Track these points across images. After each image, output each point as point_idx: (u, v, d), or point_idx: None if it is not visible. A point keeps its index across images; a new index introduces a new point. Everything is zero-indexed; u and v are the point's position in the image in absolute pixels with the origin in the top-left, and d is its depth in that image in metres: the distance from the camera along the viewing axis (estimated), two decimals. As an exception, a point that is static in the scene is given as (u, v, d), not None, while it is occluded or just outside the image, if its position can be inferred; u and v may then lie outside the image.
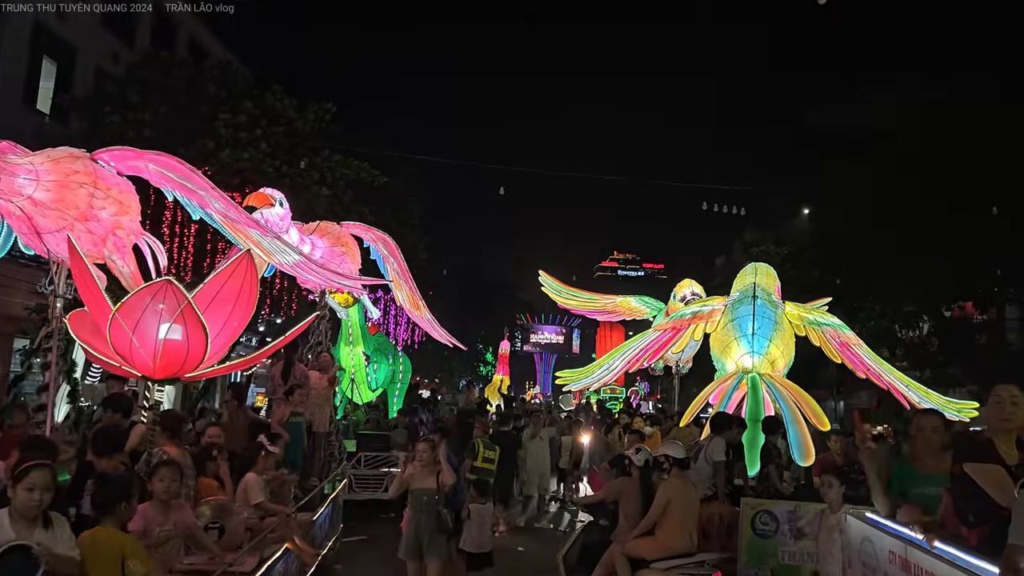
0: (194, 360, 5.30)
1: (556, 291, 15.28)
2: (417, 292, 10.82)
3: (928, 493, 4.65)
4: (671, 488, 6.59)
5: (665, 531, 6.43)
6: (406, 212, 26.40)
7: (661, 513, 6.43)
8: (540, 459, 12.63)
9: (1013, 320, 26.27)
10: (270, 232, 6.66)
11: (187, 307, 4.94)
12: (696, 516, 6.75)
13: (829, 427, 8.68)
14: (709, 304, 10.28)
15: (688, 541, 6.50)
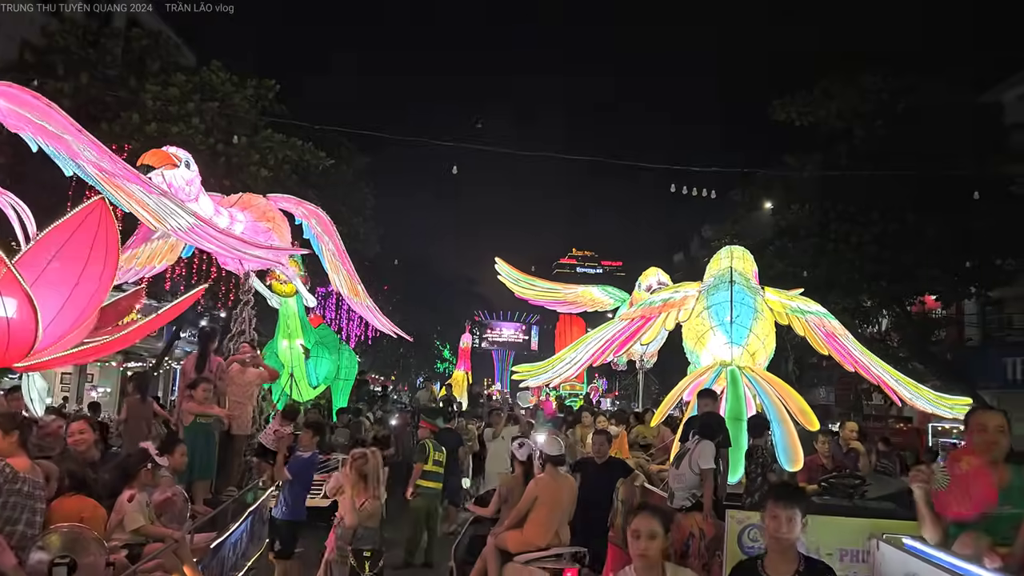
0: (20, 343, 3.96)
1: (514, 280, 14.09)
2: (356, 276, 9.52)
3: (993, 514, 3.53)
4: (540, 484, 6.44)
5: (531, 526, 6.32)
6: (358, 201, 24.97)
7: (529, 508, 6.31)
8: (501, 460, 11.37)
9: (972, 315, 25.76)
10: (156, 189, 5.33)
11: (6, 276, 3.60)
12: (566, 511, 6.58)
13: (818, 426, 7.58)
14: (681, 290, 9.14)
15: (553, 536, 6.40)
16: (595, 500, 7.52)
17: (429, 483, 9.18)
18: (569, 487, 6.73)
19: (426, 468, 9.11)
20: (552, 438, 6.96)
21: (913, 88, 20.16)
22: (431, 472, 9.19)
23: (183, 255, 8.95)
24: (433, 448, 9.24)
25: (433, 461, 9.17)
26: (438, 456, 9.26)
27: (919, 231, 18.80)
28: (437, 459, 9.26)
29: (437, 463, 9.26)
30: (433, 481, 9.24)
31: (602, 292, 14.38)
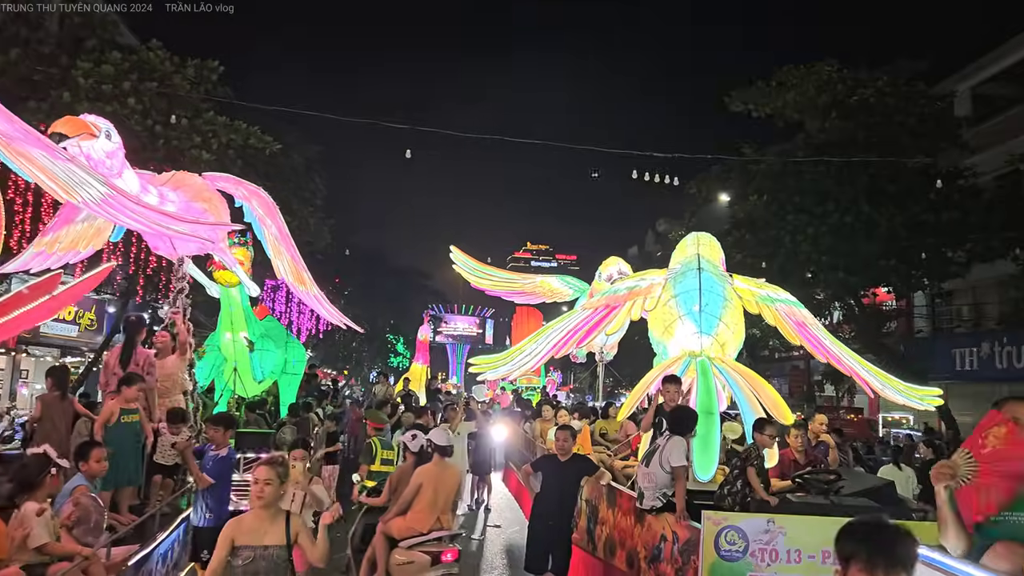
0: None
1: (470, 270, 13.50)
2: (301, 263, 8.82)
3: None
4: (425, 473, 6.59)
5: (414, 512, 6.45)
6: (309, 191, 24.07)
7: (414, 496, 6.46)
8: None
9: (921, 307, 25.95)
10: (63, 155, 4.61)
11: None
12: (449, 498, 6.72)
13: (792, 420, 7.16)
14: (647, 278, 8.65)
15: (435, 521, 6.52)
16: (559, 500, 7.01)
17: (375, 483, 8.57)
18: (453, 475, 6.90)
19: (373, 468, 8.50)
20: (440, 430, 7.22)
21: (867, 80, 20.10)
22: (379, 472, 8.58)
23: (112, 239, 8.16)
24: (381, 447, 8.64)
25: (381, 460, 8.57)
26: (387, 455, 8.65)
27: (873, 223, 18.74)
28: (386, 458, 8.66)
29: (386, 462, 8.65)
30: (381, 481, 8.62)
31: (561, 282, 13.88)
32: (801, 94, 20.95)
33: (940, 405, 8.48)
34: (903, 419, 25.72)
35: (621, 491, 6.96)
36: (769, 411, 7.03)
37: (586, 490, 7.63)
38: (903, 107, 19.37)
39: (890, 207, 18.77)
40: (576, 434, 7.48)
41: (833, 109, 20.53)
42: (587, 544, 7.69)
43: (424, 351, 27.46)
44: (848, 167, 19.18)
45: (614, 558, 6.94)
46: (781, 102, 21.47)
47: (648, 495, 6.18)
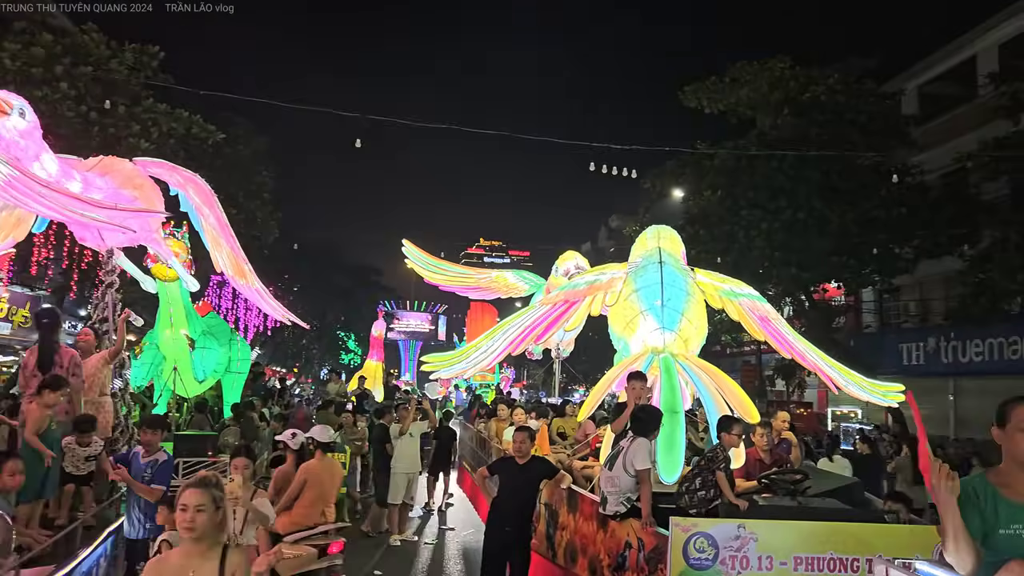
0: None
1: (423, 264, 13.04)
2: (242, 255, 8.27)
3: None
4: (308, 469, 6.60)
5: (298, 507, 6.47)
6: (256, 184, 23.30)
7: (299, 491, 6.48)
8: (409, 460, 10.33)
9: (869, 303, 26.23)
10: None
11: None
12: (332, 492, 6.78)
13: (759, 419, 6.89)
14: (607, 272, 8.32)
15: (320, 515, 6.59)
16: (518, 505, 6.63)
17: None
18: (335, 469, 6.97)
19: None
20: (323, 427, 7.28)
21: (819, 77, 20.17)
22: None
23: (35, 230, 7.53)
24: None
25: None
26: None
27: (825, 219, 18.82)
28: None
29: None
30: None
31: (517, 277, 13.51)
32: (754, 90, 20.97)
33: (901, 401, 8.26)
34: (851, 413, 25.96)
35: (583, 495, 6.60)
36: (735, 409, 6.75)
37: (545, 493, 7.26)
38: (853, 105, 19.50)
39: (842, 204, 18.87)
40: (535, 435, 7.11)
41: (785, 106, 20.59)
42: (546, 550, 7.33)
43: (379, 347, 26.70)
44: (801, 164, 19.22)
45: (575, 565, 6.58)
46: (735, 98, 21.48)
47: (612, 500, 5.83)
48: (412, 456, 10.48)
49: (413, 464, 10.48)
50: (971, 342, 21.12)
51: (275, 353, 41.43)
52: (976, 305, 18.15)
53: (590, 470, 8.59)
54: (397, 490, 10.34)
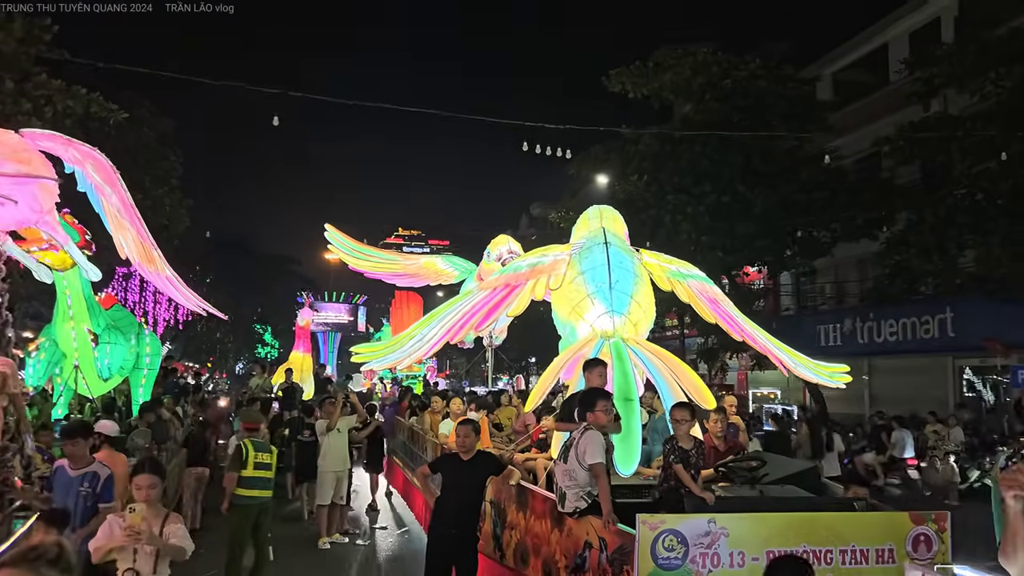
0: None
1: (347, 250, 12.30)
2: (149, 239, 7.43)
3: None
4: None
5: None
6: (163, 169, 21.94)
7: None
8: (337, 457, 9.65)
9: (787, 285, 26.70)
10: None
11: None
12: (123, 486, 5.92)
13: (715, 405, 6.54)
14: (549, 254, 7.84)
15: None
16: (463, 504, 6.11)
17: (252, 491, 7.41)
18: (123, 463, 6.58)
19: (245, 474, 7.33)
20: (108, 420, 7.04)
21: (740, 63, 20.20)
22: (255, 478, 7.41)
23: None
24: (254, 449, 7.46)
25: (255, 464, 7.40)
26: (262, 458, 7.49)
27: (749, 203, 18.88)
28: (261, 461, 7.50)
29: (262, 466, 7.49)
30: (258, 489, 7.46)
31: (446, 263, 12.93)
32: (677, 75, 20.84)
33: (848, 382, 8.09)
34: (771, 395, 26.44)
35: (533, 491, 6.11)
36: (690, 395, 6.39)
37: (490, 490, 6.75)
38: (774, 90, 19.59)
39: (764, 188, 18.97)
40: (479, 428, 6.59)
41: (707, 91, 20.55)
42: (493, 551, 6.82)
43: (306, 338, 25.11)
44: (724, 149, 19.24)
45: (527, 567, 6.11)
46: (658, 83, 21.30)
47: (571, 496, 5.36)
48: (340, 453, 9.81)
49: (342, 461, 9.81)
50: (885, 323, 21.68)
51: (188, 347, 39.64)
52: (893, 286, 18.53)
53: (532, 463, 8.15)
54: (325, 490, 9.66)
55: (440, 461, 6.48)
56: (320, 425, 9.82)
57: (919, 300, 20.27)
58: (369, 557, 9.33)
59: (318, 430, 9.84)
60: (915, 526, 5.12)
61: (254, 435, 7.75)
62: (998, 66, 16.13)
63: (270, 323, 42.37)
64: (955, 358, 20.67)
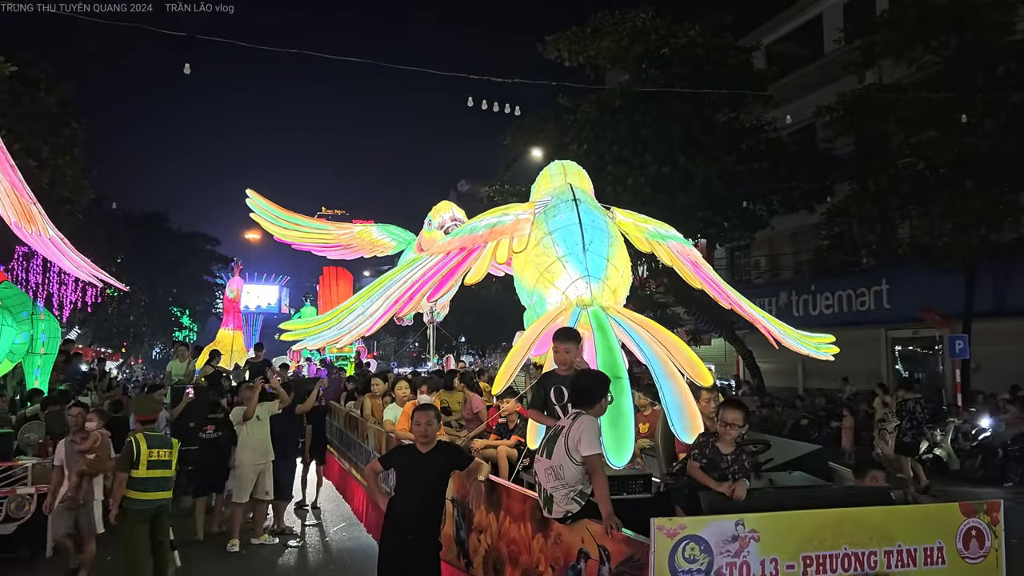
0: None
1: (272, 219, 10.95)
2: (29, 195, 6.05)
3: None
4: None
5: None
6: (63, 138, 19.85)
7: None
8: (257, 448, 8.38)
9: (721, 259, 26.35)
10: None
11: None
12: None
13: (711, 381, 5.61)
14: (511, 212, 6.76)
15: None
16: (422, 505, 5.05)
17: (144, 494, 6.18)
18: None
19: (137, 475, 6.10)
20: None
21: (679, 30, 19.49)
22: (149, 479, 6.19)
23: None
24: (147, 445, 6.22)
25: (149, 463, 6.17)
26: (157, 454, 6.25)
27: (690, 174, 18.25)
28: (157, 458, 6.27)
29: (158, 464, 6.27)
30: (152, 491, 6.24)
31: (383, 233, 11.70)
32: (615, 42, 20.00)
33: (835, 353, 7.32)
34: (707, 369, 26.08)
35: (510, 489, 5.06)
36: (684, 370, 5.45)
37: (453, 487, 5.67)
38: (713, 58, 18.95)
39: (704, 159, 18.37)
40: (440, 416, 5.50)
41: (646, 58, 19.76)
42: (457, 558, 5.75)
43: (235, 312, 22.29)
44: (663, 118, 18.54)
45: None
46: (595, 50, 20.42)
47: (558, 497, 4.33)
48: (261, 444, 8.50)
49: (262, 453, 8.51)
50: (821, 295, 21.46)
51: (99, 332, 37.03)
52: (833, 257, 18.21)
53: (492, 450, 7.12)
54: (242, 485, 8.36)
55: (394, 455, 5.37)
56: (236, 413, 8.50)
57: (856, 272, 20.08)
58: (302, 561, 8.14)
59: (233, 419, 8.51)
60: (966, 519, 4.30)
61: (149, 428, 6.48)
62: (939, 34, 15.80)
63: (188, 305, 39.95)
64: (888, 330, 20.59)
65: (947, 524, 4.26)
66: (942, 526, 4.26)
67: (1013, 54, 15.04)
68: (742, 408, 4.68)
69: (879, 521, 4.18)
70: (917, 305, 18.02)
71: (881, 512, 4.23)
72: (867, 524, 4.13)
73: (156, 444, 6.30)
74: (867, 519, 4.16)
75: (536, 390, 5.23)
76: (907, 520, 4.25)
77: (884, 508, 4.28)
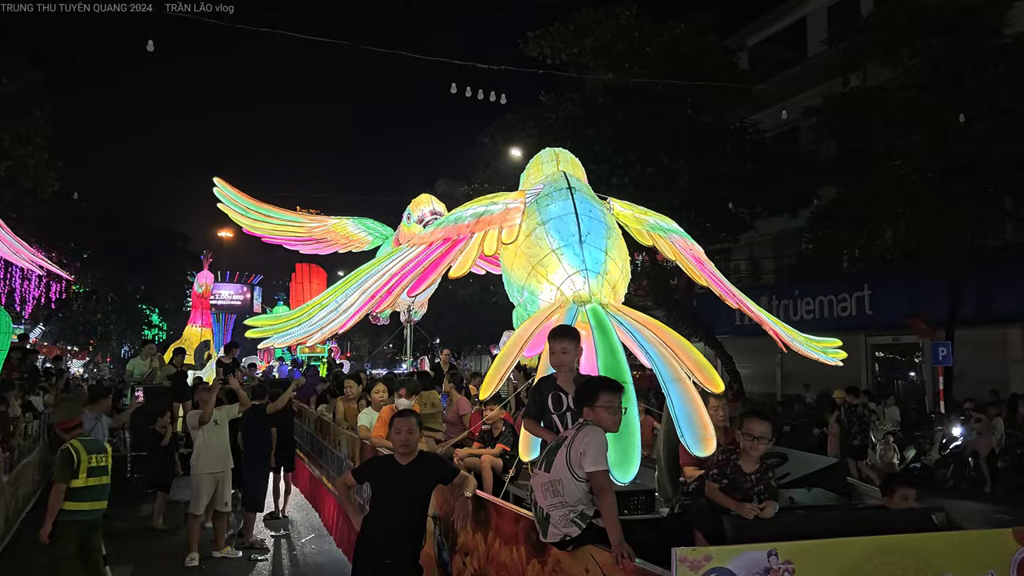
0: None
1: (241, 209, 10.26)
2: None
3: None
4: None
5: None
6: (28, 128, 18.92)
7: None
8: (215, 455, 7.66)
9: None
10: None
11: None
12: None
13: (722, 388, 5.03)
14: (500, 201, 6.16)
15: None
16: (402, 523, 4.46)
17: (84, 504, 5.53)
18: None
19: (77, 484, 5.43)
20: None
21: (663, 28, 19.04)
22: (89, 488, 5.54)
23: None
24: (85, 452, 5.55)
25: (89, 470, 5.52)
26: (96, 461, 5.60)
27: (674, 175, 17.82)
28: (96, 465, 5.62)
29: (96, 471, 5.62)
30: (90, 500, 5.58)
31: (358, 226, 11.03)
32: (598, 40, 19.47)
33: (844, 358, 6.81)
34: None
35: (499, 507, 4.45)
36: (692, 375, 4.89)
37: (434, 501, 5.05)
38: (698, 57, 18.53)
39: (688, 160, 17.93)
40: (422, 422, 4.87)
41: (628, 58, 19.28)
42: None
43: (204, 308, 21.12)
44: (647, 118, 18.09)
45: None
46: (578, 48, 19.88)
47: (556, 518, 3.72)
48: (219, 450, 7.77)
49: (221, 460, 7.79)
50: (802, 300, 21.10)
51: (64, 329, 35.81)
52: (819, 262, 17.85)
53: (475, 459, 6.51)
54: (199, 496, 7.63)
55: (369, 467, 4.74)
56: (191, 417, 7.77)
57: (838, 278, 19.75)
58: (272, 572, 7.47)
59: (189, 423, 7.80)
60: (1020, 546, 3.78)
61: (79, 433, 5.79)
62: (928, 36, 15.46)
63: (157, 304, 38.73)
64: (868, 336, 20.29)
65: (1000, 552, 3.72)
66: (994, 554, 3.72)
67: (1003, 56, 14.74)
68: (770, 420, 4.11)
69: (924, 549, 3.63)
70: (898, 312, 17.68)
71: (926, 539, 3.69)
72: (911, 552, 3.57)
73: (93, 449, 5.64)
74: (911, 546, 3.60)
75: (532, 397, 4.62)
76: (955, 548, 3.70)
77: (929, 534, 3.74)
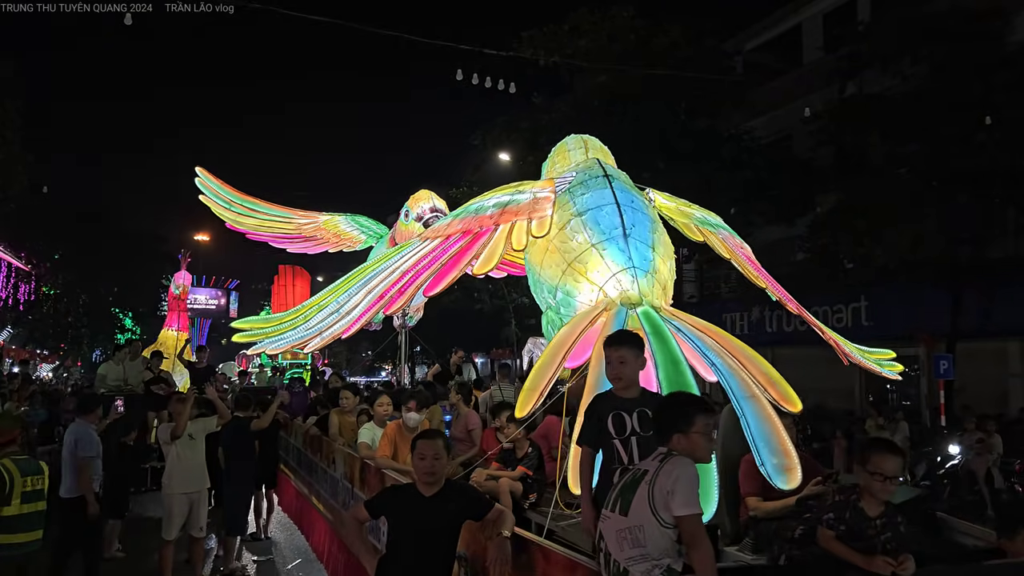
0: None
1: (225, 202, 9.35)
2: None
3: None
4: None
5: None
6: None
7: None
8: (190, 474, 6.70)
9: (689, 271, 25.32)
10: None
11: None
12: None
13: (800, 407, 4.24)
14: (527, 189, 5.35)
15: None
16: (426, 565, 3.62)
17: (17, 536, 4.65)
18: None
19: (8, 512, 4.55)
20: None
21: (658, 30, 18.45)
22: (23, 516, 4.66)
23: None
24: (20, 473, 4.67)
25: (23, 495, 4.65)
26: (31, 484, 4.71)
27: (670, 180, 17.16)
28: (31, 489, 4.73)
29: (32, 496, 4.73)
30: (24, 531, 4.69)
31: (351, 224, 10.16)
32: (593, 41, 18.82)
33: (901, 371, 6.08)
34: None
35: (548, 551, 3.62)
36: (768, 392, 4.12)
37: (461, 539, 4.20)
38: (694, 61, 17.95)
39: (684, 165, 17.33)
40: (449, 445, 4.02)
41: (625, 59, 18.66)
42: (465, 637, 4.28)
43: (182, 311, 19.85)
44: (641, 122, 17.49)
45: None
46: (572, 50, 19.19)
47: (637, 573, 2.92)
48: (194, 468, 6.81)
49: (197, 479, 6.84)
50: (796, 310, 20.50)
51: (33, 332, 34.36)
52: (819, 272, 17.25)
53: (492, 483, 5.66)
54: (172, 518, 6.67)
55: (386, 498, 3.88)
56: (163, 431, 6.81)
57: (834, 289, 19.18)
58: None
59: (160, 438, 6.85)
60: None
61: (12, 451, 4.84)
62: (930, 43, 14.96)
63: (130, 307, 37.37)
64: (864, 348, 19.71)
65: None
66: None
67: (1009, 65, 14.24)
68: (901, 454, 3.32)
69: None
70: (896, 323, 17.14)
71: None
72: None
73: (29, 471, 4.72)
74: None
75: (587, 420, 3.75)
76: None
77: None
